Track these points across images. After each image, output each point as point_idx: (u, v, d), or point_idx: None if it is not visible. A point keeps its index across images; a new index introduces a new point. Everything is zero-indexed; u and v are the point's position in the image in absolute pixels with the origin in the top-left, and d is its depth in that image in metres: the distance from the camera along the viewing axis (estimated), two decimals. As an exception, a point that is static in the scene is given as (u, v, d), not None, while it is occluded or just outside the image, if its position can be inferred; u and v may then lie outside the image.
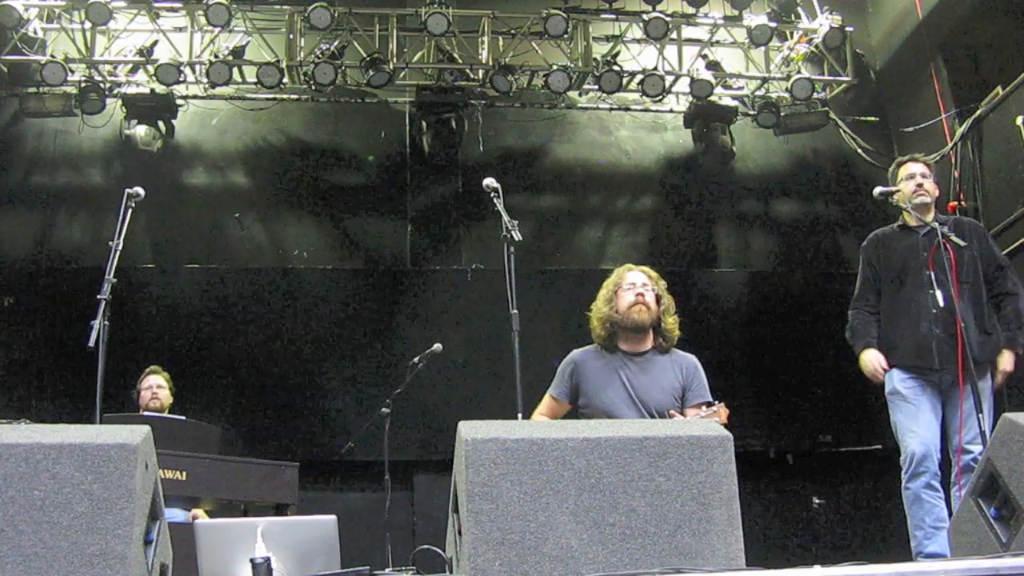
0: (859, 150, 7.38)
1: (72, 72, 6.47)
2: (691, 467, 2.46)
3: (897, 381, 4.17)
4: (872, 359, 4.20)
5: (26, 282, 6.52)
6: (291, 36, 6.56)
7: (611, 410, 3.70)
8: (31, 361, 6.33)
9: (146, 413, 5.14)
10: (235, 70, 6.63)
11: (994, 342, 4.15)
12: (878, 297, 4.33)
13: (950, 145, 6.68)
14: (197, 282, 6.75)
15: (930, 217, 4.29)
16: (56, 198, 6.82)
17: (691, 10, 6.77)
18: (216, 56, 6.54)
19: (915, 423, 4.07)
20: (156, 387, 5.31)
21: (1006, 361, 4.14)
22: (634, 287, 3.81)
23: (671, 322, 3.85)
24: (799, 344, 6.80)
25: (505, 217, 3.88)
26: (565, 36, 6.75)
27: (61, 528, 2.19)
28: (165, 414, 5.22)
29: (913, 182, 4.32)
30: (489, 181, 4.02)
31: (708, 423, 2.62)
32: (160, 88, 6.57)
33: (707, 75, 6.89)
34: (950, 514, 4.00)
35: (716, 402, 3.61)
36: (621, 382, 3.75)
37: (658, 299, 3.81)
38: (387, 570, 3.40)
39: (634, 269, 3.94)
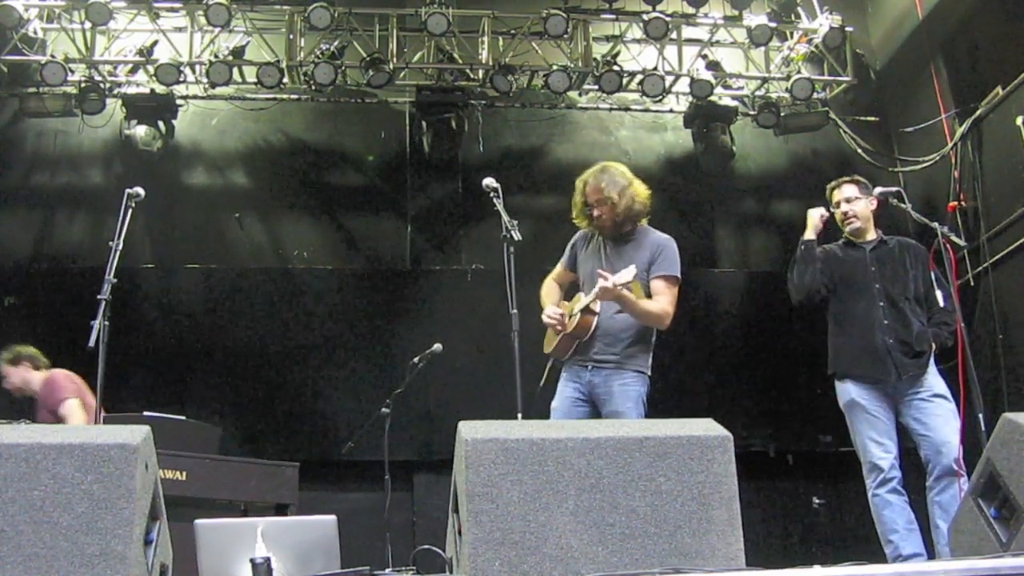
0: (859, 150, 7.38)
1: (72, 72, 6.46)
2: (691, 467, 2.46)
3: (854, 393, 4.23)
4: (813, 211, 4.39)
5: (26, 282, 6.52)
6: (291, 36, 6.56)
7: (589, 280, 4.09)
8: (31, 361, 6.32)
9: (146, 413, 5.14)
10: (235, 70, 6.62)
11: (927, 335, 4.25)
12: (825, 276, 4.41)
13: (950, 145, 6.67)
14: (197, 282, 6.74)
15: (870, 236, 4.41)
16: (56, 198, 6.81)
17: (691, 10, 6.76)
18: (216, 56, 6.53)
19: (878, 433, 4.15)
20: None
21: None
22: (592, 210, 4.12)
23: (636, 207, 4.13)
24: (799, 344, 6.79)
25: (505, 217, 3.89)
26: (565, 36, 6.75)
27: (61, 528, 2.19)
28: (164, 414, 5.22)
29: (840, 211, 4.45)
30: (489, 181, 4.03)
31: (708, 423, 2.62)
32: (160, 88, 6.56)
33: (707, 75, 6.88)
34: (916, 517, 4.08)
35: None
36: (600, 259, 4.12)
37: (612, 208, 4.07)
38: (387, 570, 3.40)
39: (583, 183, 4.17)
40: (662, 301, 4.01)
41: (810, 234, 4.41)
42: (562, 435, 2.47)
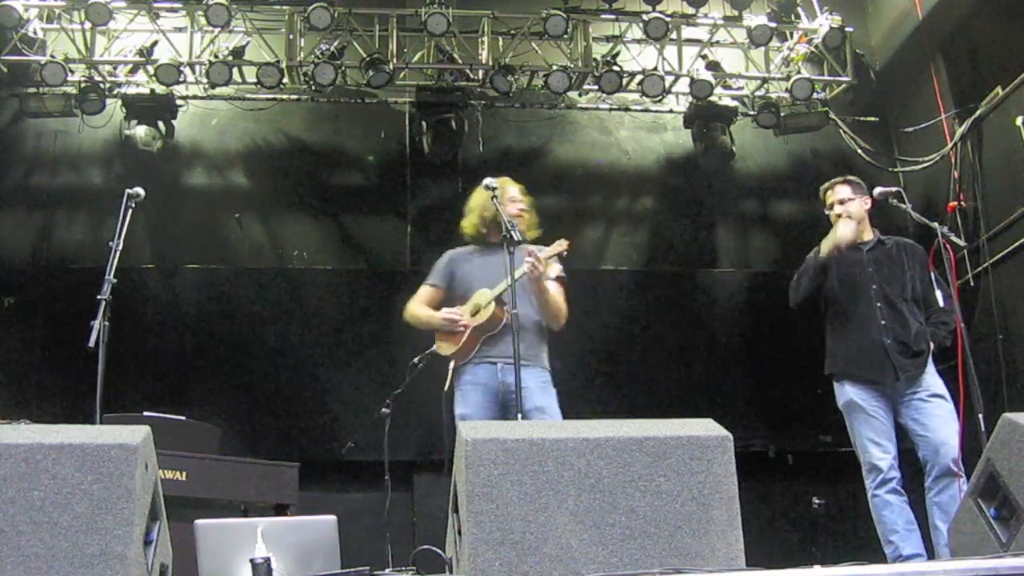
0: (859, 150, 7.37)
1: (72, 72, 6.46)
2: (691, 467, 2.46)
3: (852, 394, 4.24)
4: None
5: (26, 282, 6.52)
6: (291, 36, 6.55)
7: (478, 287, 4.29)
8: (31, 361, 6.33)
9: (146, 413, 5.13)
10: (235, 70, 6.62)
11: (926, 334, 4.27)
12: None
13: (950, 145, 6.67)
14: (197, 282, 6.74)
15: (866, 236, 4.40)
16: (56, 198, 6.81)
17: (691, 10, 6.76)
18: (216, 56, 6.53)
19: (877, 434, 4.15)
20: None
21: None
22: (515, 202, 4.34)
23: (532, 224, 4.40)
24: (799, 344, 6.78)
25: (505, 217, 3.89)
26: (565, 36, 6.74)
27: (61, 528, 2.19)
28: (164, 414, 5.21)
29: (835, 212, 4.43)
30: (489, 181, 4.04)
31: (708, 423, 2.62)
32: (160, 88, 6.56)
33: (707, 75, 6.88)
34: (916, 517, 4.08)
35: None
36: (500, 264, 4.03)
37: (527, 216, 4.35)
38: (387, 570, 3.39)
39: (505, 181, 4.39)
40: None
41: (825, 252, 4.35)
42: (562, 435, 2.47)
